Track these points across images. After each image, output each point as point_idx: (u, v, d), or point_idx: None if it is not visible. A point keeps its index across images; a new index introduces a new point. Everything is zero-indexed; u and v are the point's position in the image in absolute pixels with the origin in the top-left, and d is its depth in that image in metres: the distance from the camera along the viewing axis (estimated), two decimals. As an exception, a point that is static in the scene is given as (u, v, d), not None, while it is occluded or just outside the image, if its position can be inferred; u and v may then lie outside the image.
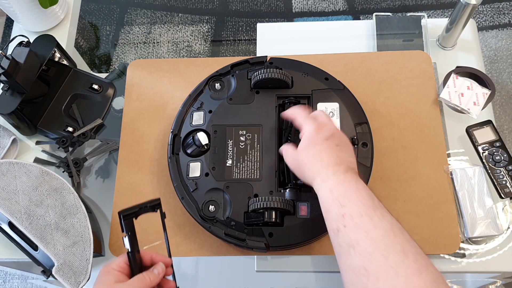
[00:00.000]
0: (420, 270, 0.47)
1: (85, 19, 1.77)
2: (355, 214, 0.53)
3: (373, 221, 0.52)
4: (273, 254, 0.75)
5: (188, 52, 1.70)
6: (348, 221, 0.53)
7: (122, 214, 0.54)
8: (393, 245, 0.49)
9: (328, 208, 0.57)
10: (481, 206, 0.73)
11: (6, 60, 0.76)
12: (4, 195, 0.72)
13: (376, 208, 0.54)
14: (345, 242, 0.52)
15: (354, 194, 0.56)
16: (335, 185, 0.57)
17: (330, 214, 0.56)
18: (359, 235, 0.51)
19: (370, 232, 0.51)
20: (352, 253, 0.51)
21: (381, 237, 0.50)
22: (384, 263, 0.48)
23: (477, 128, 0.79)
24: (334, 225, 0.55)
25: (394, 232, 0.51)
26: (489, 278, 0.86)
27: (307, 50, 0.87)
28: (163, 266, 0.57)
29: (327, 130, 0.64)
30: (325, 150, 0.62)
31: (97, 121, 0.85)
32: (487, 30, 1.69)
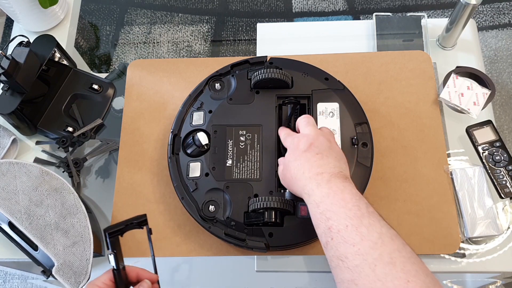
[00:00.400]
0: (407, 279, 0.46)
1: (85, 19, 1.77)
2: (341, 227, 0.52)
3: (359, 232, 0.51)
4: (273, 254, 0.75)
5: (188, 52, 1.70)
6: (335, 234, 0.52)
7: (107, 231, 0.54)
8: (380, 256, 0.49)
9: (316, 222, 0.57)
10: (481, 206, 0.73)
11: (6, 60, 0.76)
12: (4, 195, 0.72)
13: (363, 216, 0.53)
14: (334, 255, 0.52)
15: (339, 205, 0.55)
16: (321, 199, 0.57)
17: (318, 229, 0.56)
18: (346, 249, 0.51)
19: (356, 244, 0.50)
20: (342, 266, 0.51)
21: (368, 249, 0.50)
22: (372, 276, 0.48)
23: (477, 128, 0.79)
24: (323, 239, 0.54)
25: (382, 241, 0.50)
26: (489, 278, 0.86)
27: (307, 50, 0.88)
28: (149, 283, 0.57)
29: (304, 142, 0.63)
30: (304, 163, 0.61)
31: (97, 121, 0.85)
32: (487, 30, 1.69)
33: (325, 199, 0.56)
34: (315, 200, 0.57)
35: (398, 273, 0.47)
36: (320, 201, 0.57)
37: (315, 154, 0.62)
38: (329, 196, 0.56)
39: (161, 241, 0.74)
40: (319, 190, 0.58)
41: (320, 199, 0.57)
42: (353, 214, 0.53)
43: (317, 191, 0.58)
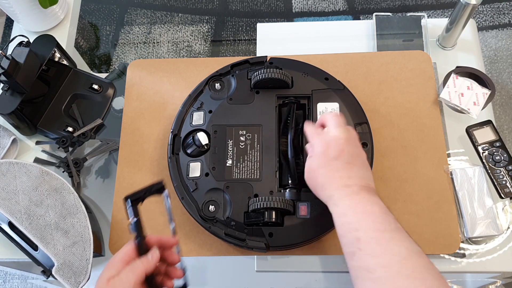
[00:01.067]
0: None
1: (85, 19, 1.77)
2: (370, 238, 0.52)
3: (389, 246, 0.51)
4: (273, 254, 0.75)
5: (188, 52, 1.70)
6: (363, 245, 0.52)
7: (130, 198, 0.53)
8: (412, 272, 0.49)
9: (343, 231, 0.56)
10: (481, 206, 0.73)
11: (6, 60, 0.76)
12: (4, 195, 0.72)
13: (393, 231, 0.53)
14: (361, 266, 0.52)
15: (368, 217, 0.54)
16: (349, 208, 0.56)
17: (344, 238, 0.55)
18: (375, 261, 0.51)
19: (385, 258, 0.50)
20: (367, 278, 0.50)
21: (397, 263, 0.50)
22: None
23: (477, 128, 0.79)
24: (350, 249, 0.54)
25: (411, 257, 0.50)
26: (489, 278, 0.86)
27: (307, 50, 0.87)
28: (157, 251, 0.55)
29: (335, 148, 0.61)
30: (334, 173, 0.60)
31: (97, 121, 0.85)
32: (487, 30, 1.69)
33: (354, 209, 0.56)
34: (343, 209, 0.57)
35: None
36: (348, 212, 0.56)
37: (345, 163, 0.60)
38: (357, 207, 0.56)
39: (161, 241, 0.74)
40: (348, 200, 0.57)
41: (348, 208, 0.56)
42: (383, 227, 0.53)
43: (346, 201, 0.57)
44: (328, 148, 0.61)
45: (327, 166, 0.61)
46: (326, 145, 0.62)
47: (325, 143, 0.62)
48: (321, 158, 0.62)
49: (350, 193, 0.58)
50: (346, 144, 0.62)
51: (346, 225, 0.55)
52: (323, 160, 0.61)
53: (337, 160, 0.60)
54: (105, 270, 0.53)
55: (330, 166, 0.61)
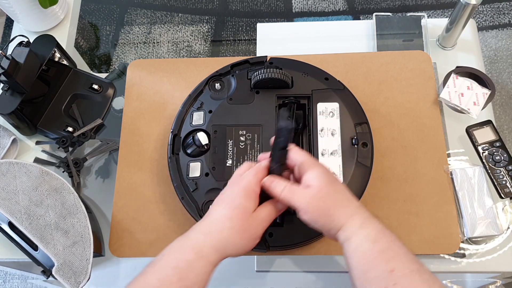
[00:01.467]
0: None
1: (85, 19, 1.77)
2: (406, 271, 0.46)
3: (423, 279, 0.46)
4: (273, 254, 0.75)
5: (188, 52, 1.70)
6: (399, 279, 0.46)
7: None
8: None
9: (372, 263, 0.48)
10: (481, 206, 0.73)
11: (6, 60, 0.76)
12: (4, 195, 0.72)
13: (419, 260, 0.48)
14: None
15: (397, 245, 0.48)
16: (377, 234, 0.49)
17: (373, 271, 0.48)
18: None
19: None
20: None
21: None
22: None
23: (477, 128, 0.79)
24: (381, 284, 0.46)
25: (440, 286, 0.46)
26: (489, 278, 0.86)
27: (307, 50, 0.87)
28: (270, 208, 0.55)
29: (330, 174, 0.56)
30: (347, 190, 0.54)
31: (97, 121, 0.85)
32: (487, 30, 1.69)
33: (383, 235, 0.49)
34: (371, 234, 0.49)
35: None
36: (377, 237, 0.49)
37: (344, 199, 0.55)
38: (385, 232, 0.50)
39: (161, 241, 0.74)
40: (374, 223, 0.50)
41: (376, 233, 0.49)
42: (411, 257, 0.48)
43: (373, 225, 0.50)
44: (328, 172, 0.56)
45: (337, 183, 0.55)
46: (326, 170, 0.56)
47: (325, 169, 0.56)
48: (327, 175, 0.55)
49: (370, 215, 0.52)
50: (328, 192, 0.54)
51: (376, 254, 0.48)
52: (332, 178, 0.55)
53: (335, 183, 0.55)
54: (246, 198, 0.54)
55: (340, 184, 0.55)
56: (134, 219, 0.76)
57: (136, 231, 0.75)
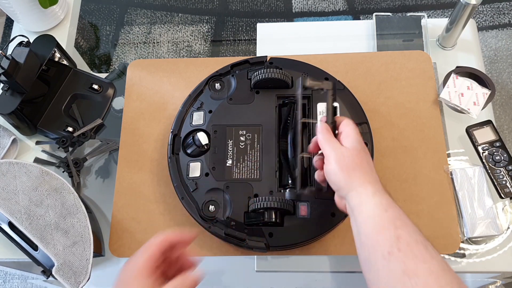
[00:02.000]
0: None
1: (85, 19, 1.77)
2: (411, 240, 0.49)
3: (428, 251, 0.48)
4: (273, 254, 0.75)
5: (188, 52, 1.70)
6: (404, 246, 0.48)
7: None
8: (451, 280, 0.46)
9: (380, 227, 0.51)
10: (481, 206, 0.73)
11: (6, 60, 0.76)
12: (4, 195, 0.72)
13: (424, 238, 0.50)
14: (400, 268, 0.47)
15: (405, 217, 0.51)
16: (388, 203, 0.53)
17: (381, 235, 0.51)
18: (418, 265, 0.47)
19: (427, 262, 0.47)
20: (407, 282, 0.46)
21: (440, 270, 0.47)
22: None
23: (477, 128, 0.79)
24: (386, 248, 0.49)
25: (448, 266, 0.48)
26: (489, 278, 0.86)
27: (307, 50, 0.88)
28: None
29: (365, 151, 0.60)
30: (370, 162, 0.59)
31: (97, 121, 0.85)
32: (487, 30, 1.69)
33: (393, 205, 0.53)
34: (383, 202, 0.53)
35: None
36: (389, 206, 0.52)
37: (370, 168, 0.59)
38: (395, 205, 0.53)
39: (161, 241, 0.74)
40: (386, 195, 0.54)
41: (387, 203, 0.53)
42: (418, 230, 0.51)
43: (384, 195, 0.54)
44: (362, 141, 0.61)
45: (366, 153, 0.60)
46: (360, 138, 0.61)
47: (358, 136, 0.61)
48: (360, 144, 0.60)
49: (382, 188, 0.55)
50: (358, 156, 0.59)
51: (385, 220, 0.51)
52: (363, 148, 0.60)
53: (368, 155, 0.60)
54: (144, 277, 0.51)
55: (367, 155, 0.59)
56: (134, 219, 0.76)
57: (136, 231, 0.75)
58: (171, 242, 0.54)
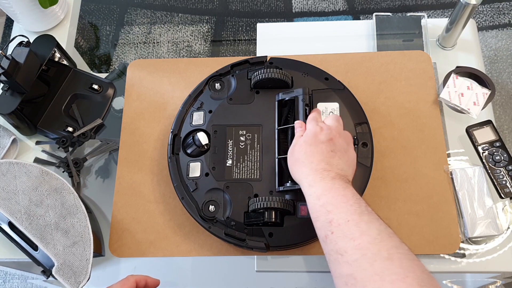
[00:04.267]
0: (405, 275, 0.47)
1: (85, 19, 1.77)
2: (341, 221, 0.53)
3: (359, 227, 0.52)
4: (273, 254, 0.75)
5: (188, 52, 1.70)
6: (335, 228, 0.53)
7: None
8: (379, 251, 0.49)
9: (316, 215, 0.57)
10: (481, 206, 0.73)
11: (6, 60, 0.76)
12: (4, 195, 0.72)
13: (363, 213, 0.54)
14: (333, 249, 0.52)
15: (340, 200, 0.56)
16: (322, 192, 0.57)
17: (318, 222, 0.56)
18: (346, 243, 0.51)
19: (356, 239, 0.51)
20: (341, 260, 0.51)
21: (367, 244, 0.50)
22: (371, 270, 0.48)
23: (477, 128, 0.79)
24: (323, 232, 0.55)
25: (381, 237, 0.51)
26: (489, 278, 0.86)
27: (307, 50, 0.87)
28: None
29: (326, 133, 0.64)
30: (317, 153, 0.62)
31: (97, 121, 0.85)
32: (487, 30, 1.69)
33: (327, 192, 0.57)
34: (316, 192, 0.58)
35: (396, 268, 0.47)
36: (322, 194, 0.57)
37: (330, 150, 0.62)
38: (331, 190, 0.57)
39: (161, 241, 0.74)
40: (322, 183, 0.58)
41: (322, 191, 0.57)
42: (353, 209, 0.54)
43: (320, 184, 0.58)
44: (320, 132, 0.64)
45: (312, 145, 0.63)
46: (319, 129, 0.65)
47: (318, 128, 0.65)
48: (310, 137, 0.64)
49: (325, 176, 0.59)
50: (336, 136, 0.65)
51: (318, 207, 0.56)
52: (311, 140, 0.64)
53: (324, 144, 0.63)
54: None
55: (315, 147, 0.63)
56: (134, 219, 0.76)
57: (136, 231, 0.75)
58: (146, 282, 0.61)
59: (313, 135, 0.64)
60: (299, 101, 0.73)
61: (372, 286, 0.47)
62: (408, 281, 0.46)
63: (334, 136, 0.64)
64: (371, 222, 0.53)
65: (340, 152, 0.63)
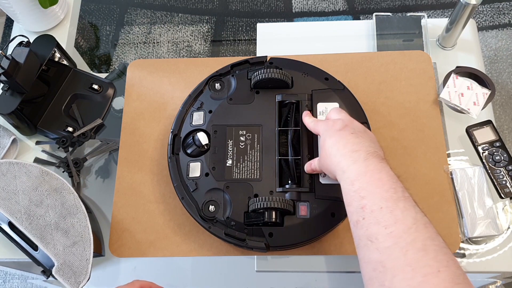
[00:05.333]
0: (438, 269, 0.45)
1: (85, 19, 1.77)
2: (375, 207, 0.51)
3: (393, 215, 0.50)
4: (273, 254, 0.75)
5: (188, 52, 1.70)
6: (368, 214, 0.51)
7: None
8: (413, 241, 0.47)
9: (349, 200, 0.55)
10: (481, 206, 0.73)
11: (6, 60, 0.76)
12: (4, 195, 0.72)
13: (399, 200, 0.52)
14: (364, 235, 0.51)
15: (375, 185, 0.53)
16: (356, 176, 0.55)
17: (350, 207, 0.55)
18: (378, 230, 0.49)
19: (389, 226, 0.49)
20: (371, 247, 0.49)
21: (401, 233, 0.48)
22: (402, 260, 0.46)
23: (477, 128, 0.79)
24: (355, 218, 0.53)
25: (416, 227, 0.49)
26: (489, 278, 0.86)
27: (307, 50, 0.87)
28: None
29: (339, 123, 0.63)
30: (340, 139, 0.61)
31: (97, 121, 0.85)
32: (487, 30, 1.69)
33: (361, 177, 0.55)
34: (350, 177, 0.56)
35: (429, 261, 0.45)
36: (356, 179, 0.55)
37: (350, 133, 0.61)
38: (366, 174, 0.55)
39: (161, 241, 0.74)
40: (355, 167, 0.56)
41: (355, 176, 0.55)
42: (389, 196, 0.52)
43: (353, 168, 0.56)
44: (334, 124, 0.63)
45: (332, 136, 0.62)
46: (331, 123, 0.64)
47: (330, 123, 0.64)
48: (327, 132, 0.63)
49: (357, 159, 0.57)
50: (350, 121, 0.64)
51: (352, 193, 0.54)
52: (329, 133, 0.63)
53: (342, 130, 0.62)
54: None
55: (336, 136, 0.61)
56: (134, 219, 0.76)
57: (136, 231, 0.75)
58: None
59: (328, 129, 0.63)
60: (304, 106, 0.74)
61: (402, 276, 0.45)
62: (442, 276, 0.44)
63: (348, 122, 0.64)
64: (407, 210, 0.50)
65: (360, 133, 0.62)
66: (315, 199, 0.69)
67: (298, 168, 0.71)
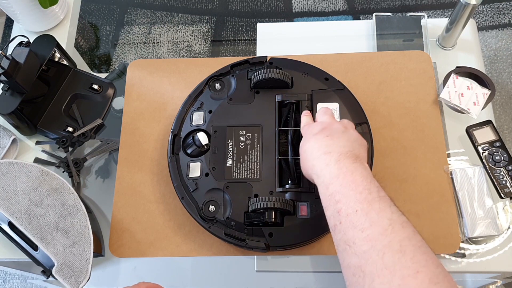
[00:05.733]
0: (417, 270, 0.44)
1: (85, 19, 1.77)
2: (350, 210, 0.51)
3: (368, 217, 0.49)
4: (273, 254, 0.75)
5: (188, 52, 1.70)
6: (343, 218, 0.51)
7: None
8: (389, 243, 0.46)
9: (326, 204, 0.55)
10: (481, 206, 0.73)
11: (6, 60, 0.76)
12: (4, 195, 0.72)
13: (374, 201, 0.51)
14: (342, 239, 0.50)
15: (349, 187, 0.53)
16: (330, 180, 0.55)
17: (327, 211, 0.55)
18: (355, 234, 0.49)
19: (365, 230, 0.48)
20: (349, 251, 0.49)
21: (377, 235, 0.48)
22: (380, 263, 0.45)
23: (477, 128, 0.79)
24: (332, 222, 0.53)
25: (392, 228, 0.48)
26: (489, 278, 0.86)
27: (307, 50, 0.87)
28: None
29: (316, 127, 0.64)
30: (314, 143, 0.62)
31: (97, 121, 0.85)
32: (487, 30, 1.69)
33: (335, 180, 0.55)
34: (324, 182, 0.56)
35: (407, 262, 0.45)
36: (329, 183, 0.55)
37: (325, 136, 0.62)
38: (338, 177, 0.55)
39: (161, 241, 0.74)
40: (328, 170, 0.56)
41: (329, 180, 0.55)
42: (363, 198, 0.51)
43: (326, 172, 0.56)
44: (312, 128, 0.65)
45: (308, 141, 0.63)
46: (311, 128, 0.65)
47: (311, 127, 0.66)
48: (305, 137, 0.65)
49: (329, 161, 0.57)
50: (329, 125, 0.64)
51: (328, 197, 0.54)
52: (306, 138, 0.64)
53: (317, 134, 0.63)
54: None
55: (311, 141, 0.63)
56: (134, 219, 0.76)
57: (136, 231, 0.75)
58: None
59: (306, 134, 0.65)
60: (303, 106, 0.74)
61: (381, 281, 0.45)
62: (420, 277, 0.43)
63: (327, 125, 0.64)
64: (382, 211, 0.50)
65: (337, 134, 0.62)
66: (315, 199, 0.69)
67: (298, 168, 0.71)
